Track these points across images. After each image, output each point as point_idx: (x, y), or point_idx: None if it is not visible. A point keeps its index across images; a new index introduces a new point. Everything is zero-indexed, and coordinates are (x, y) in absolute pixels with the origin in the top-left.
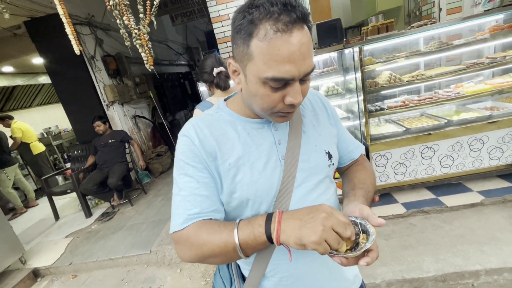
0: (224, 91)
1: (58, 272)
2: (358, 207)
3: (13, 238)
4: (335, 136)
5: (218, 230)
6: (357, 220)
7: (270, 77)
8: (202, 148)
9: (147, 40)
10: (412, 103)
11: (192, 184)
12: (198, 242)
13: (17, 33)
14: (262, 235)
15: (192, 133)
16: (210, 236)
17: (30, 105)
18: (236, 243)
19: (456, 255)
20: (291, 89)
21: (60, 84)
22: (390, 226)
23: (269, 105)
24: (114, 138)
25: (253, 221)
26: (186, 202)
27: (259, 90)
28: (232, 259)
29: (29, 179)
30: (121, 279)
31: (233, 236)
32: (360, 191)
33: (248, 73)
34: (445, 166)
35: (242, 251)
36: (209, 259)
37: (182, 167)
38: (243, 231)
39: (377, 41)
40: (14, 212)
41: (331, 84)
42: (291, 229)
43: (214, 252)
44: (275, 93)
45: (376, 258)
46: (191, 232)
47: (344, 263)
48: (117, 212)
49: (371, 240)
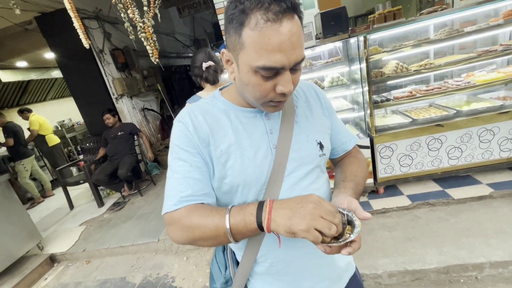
0: (214, 85)
1: (73, 258)
2: (347, 199)
3: (31, 226)
4: (328, 128)
5: (210, 215)
6: (344, 212)
7: (261, 66)
8: (195, 134)
9: (152, 33)
10: (419, 93)
11: (186, 168)
12: (189, 225)
13: (29, 29)
14: (253, 223)
15: (187, 120)
16: (201, 220)
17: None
18: (227, 228)
19: (461, 248)
20: (282, 78)
21: (71, 78)
22: (394, 218)
23: (261, 94)
24: (124, 131)
25: (245, 209)
26: (179, 184)
27: (251, 79)
28: (221, 243)
29: (45, 170)
30: (131, 266)
31: (224, 221)
32: (350, 183)
33: (240, 63)
34: (453, 158)
35: (232, 236)
36: (200, 241)
37: (177, 152)
38: (235, 218)
39: (383, 29)
40: (32, 201)
41: (336, 74)
42: (281, 218)
43: (205, 235)
44: (267, 82)
45: (358, 249)
46: (183, 214)
47: (327, 251)
48: (127, 202)
49: (356, 232)
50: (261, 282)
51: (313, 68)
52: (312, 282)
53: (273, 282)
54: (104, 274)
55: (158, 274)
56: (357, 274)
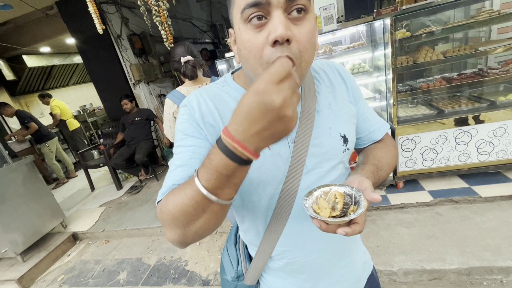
0: (192, 80)
1: (93, 237)
2: (358, 179)
3: (55, 205)
4: (354, 116)
5: (181, 190)
6: (352, 191)
7: (243, 5)
8: (201, 120)
9: (167, 17)
10: (449, 82)
11: (188, 154)
12: (167, 210)
13: (50, 14)
14: (231, 163)
15: (194, 104)
16: (175, 197)
17: (67, 84)
18: (203, 192)
19: (486, 249)
20: (271, 22)
21: (90, 63)
22: (413, 214)
23: (255, 54)
24: (140, 116)
25: (208, 159)
26: (176, 171)
27: (243, 37)
28: (219, 213)
29: (68, 153)
30: (146, 247)
31: (196, 186)
32: (370, 166)
33: (235, 25)
34: (482, 153)
35: (219, 197)
36: (192, 224)
37: (182, 138)
38: (206, 176)
39: (413, 11)
40: (57, 182)
41: (357, 61)
42: (255, 136)
43: (191, 214)
44: (258, 34)
45: (358, 232)
46: (162, 202)
47: (323, 227)
48: (144, 186)
49: (358, 212)
50: (274, 277)
51: (332, 54)
52: (329, 283)
53: (287, 278)
54: (122, 254)
55: (172, 257)
56: (374, 272)
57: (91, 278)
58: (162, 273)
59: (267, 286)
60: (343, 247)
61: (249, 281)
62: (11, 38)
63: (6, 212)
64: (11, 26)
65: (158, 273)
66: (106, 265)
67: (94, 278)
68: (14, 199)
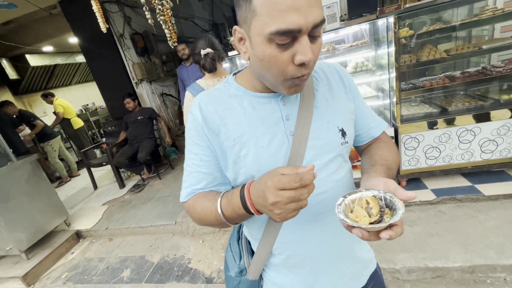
0: (211, 73)
1: (96, 235)
2: (383, 181)
3: (59, 203)
4: (352, 112)
5: (207, 206)
6: (382, 194)
7: (275, 31)
8: (205, 125)
9: (170, 16)
10: (452, 80)
11: (196, 162)
12: (195, 216)
13: (53, 13)
14: (242, 210)
15: (196, 110)
16: (203, 211)
17: (70, 83)
18: (220, 216)
19: (489, 247)
20: (299, 45)
21: (93, 62)
22: (416, 213)
23: (278, 68)
24: (143, 115)
25: (231, 197)
26: (191, 177)
27: (265, 52)
28: (225, 227)
29: (71, 151)
30: (149, 245)
31: (217, 207)
32: (381, 167)
33: (253, 35)
34: (486, 152)
35: (230, 222)
36: (211, 227)
37: (190, 144)
38: (225, 206)
39: (417, 9)
40: (60, 180)
41: (360, 59)
42: (260, 205)
43: (211, 223)
44: (283, 53)
45: (400, 233)
46: (190, 206)
47: (365, 236)
48: (147, 185)
49: (400, 214)
50: (276, 273)
51: (335, 53)
52: (331, 278)
53: (289, 274)
54: (125, 251)
55: (175, 255)
56: (378, 271)
57: (95, 276)
58: (165, 270)
59: (270, 281)
60: (344, 241)
61: (252, 275)
62: (14, 37)
63: (11, 210)
64: (15, 25)
65: (161, 270)
66: (110, 262)
67: (98, 276)
68: (19, 197)
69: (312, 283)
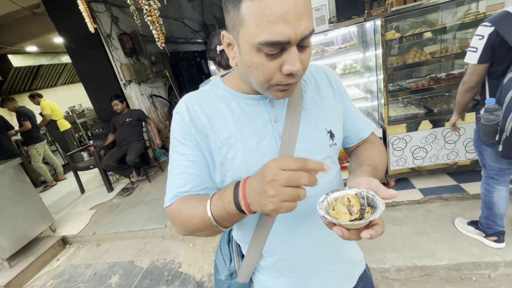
0: (226, 70)
1: (83, 241)
2: (366, 180)
3: (43, 208)
4: (340, 114)
5: (194, 206)
6: (364, 193)
7: (264, 41)
8: (192, 126)
9: (158, 17)
10: (438, 82)
11: (183, 162)
12: (180, 220)
13: (37, 12)
14: (234, 209)
15: (183, 110)
16: (188, 212)
17: (55, 84)
18: (210, 218)
19: (474, 245)
20: (288, 55)
21: (79, 63)
22: (404, 212)
23: (265, 76)
24: (132, 117)
25: (223, 196)
26: (177, 179)
27: (253, 59)
28: (216, 232)
29: (57, 154)
30: (139, 250)
31: (206, 209)
32: (367, 167)
33: (241, 42)
34: (470, 152)
35: (219, 225)
36: (196, 233)
37: (175, 145)
38: (216, 207)
39: (403, 12)
40: (45, 185)
41: (349, 61)
42: (254, 201)
43: (196, 227)
44: (271, 62)
45: (381, 233)
46: (174, 209)
47: (345, 235)
48: (136, 188)
49: (380, 212)
50: (267, 276)
51: (324, 55)
52: (321, 280)
53: (279, 277)
54: (113, 257)
55: (165, 259)
56: (367, 271)
57: (82, 283)
58: (155, 275)
59: (260, 285)
60: (334, 243)
61: (242, 278)
62: None
63: None
64: None
65: (151, 275)
66: (97, 269)
67: (85, 283)
68: (0, 202)
69: (302, 285)
